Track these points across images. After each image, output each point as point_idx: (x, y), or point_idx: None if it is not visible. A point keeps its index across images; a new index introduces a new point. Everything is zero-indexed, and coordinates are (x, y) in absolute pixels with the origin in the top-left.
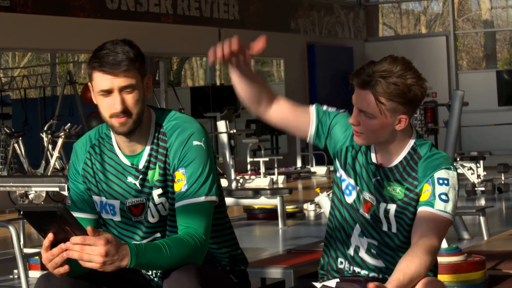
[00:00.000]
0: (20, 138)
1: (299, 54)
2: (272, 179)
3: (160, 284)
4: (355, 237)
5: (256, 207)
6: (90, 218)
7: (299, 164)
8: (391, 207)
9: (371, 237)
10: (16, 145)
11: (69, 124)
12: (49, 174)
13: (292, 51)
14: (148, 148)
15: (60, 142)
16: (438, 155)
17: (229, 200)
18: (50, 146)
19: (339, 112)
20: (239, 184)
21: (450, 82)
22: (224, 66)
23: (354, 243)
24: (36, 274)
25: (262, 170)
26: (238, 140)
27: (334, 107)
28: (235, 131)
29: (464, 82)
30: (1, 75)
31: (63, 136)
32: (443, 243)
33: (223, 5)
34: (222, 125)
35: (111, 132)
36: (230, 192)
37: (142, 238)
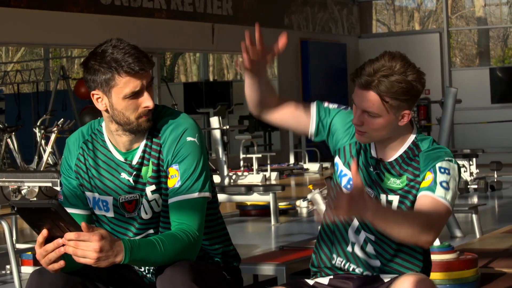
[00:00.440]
0: (13, 133)
1: (293, 50)
2: (265, 175)
3: (153, 281)
4: (351, 234)
5: (248, 203)
6: (83, 214)
7: (292, 160)
8: (394, 198)
9: (369, 231)
10: (9, 140)
11: (62, 119)
12: (42, 169)
13: (286, 47)
14: (142, 144)
15: (53, 137)
16: (440, 148)
17: (221, 197)
18: (43, 141)
19: (341, 109)
20: (232, 181)
21: (443, 79)
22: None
23: (350, 239)
24: (28, 269)
25: (255, 166)
26: (231, 136)
27: (336, 103)
28: (228, 127)
29: (457, 79)
30: None
31: (56, 132)
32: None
33: (217, 0)
34: (215, 121)
35: (103, 128)
36: (222, 188)
37: (135, 235)
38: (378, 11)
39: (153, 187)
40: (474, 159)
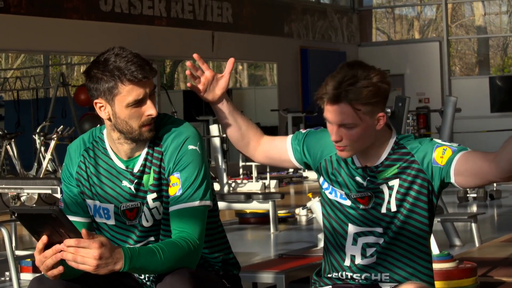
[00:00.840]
0: (13, 140)
1: (292, 58)
2: (264, 183)
3: None
4: (349, 247)
5: (248, 211)
6: (83, 221)
7: (291, 169)
8: (394, 182)
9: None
10: (8, 146)
11: (61, 126)
12: (41, 176)
13: (285, 55)
14: (144, 152)
15: (52, 144)
16: (419, 137)
17: (221, 204)
18: (43, 148)
19: (310, 130)
20: (231, 188)
21: (443, 88)
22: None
23: (349, 252)
24: (27, 276)
25: (254, 174)
26: (230, 144)
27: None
28: None
29: (457, 88)
30: None
31: (55, 138)
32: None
33: (217, 8)
34: (214, 128)
35: (104, 136)
36: (222, 196)
37: (135, 242)
38: (378, 20)
39: (154, 195)
40: None
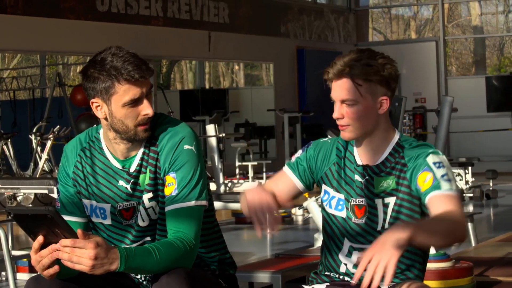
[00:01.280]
0: (9, 140)
1: (289, 58)
2: (261, 183)
3: None
4: (343, 257)
5: None
6: (80, 221)
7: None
8: (390, 200)
9: (363, 244)
10: (4, 146)
11: (58, 126)
12: (37, 176)
13: (282, 55)
14: (140, 152)
15: (49, 144)
16: (422, 143)
17: (217, 204)
18: (39, 148)
19: (305, 148)
20: (228, 188)
21: (439, 88)
22: None
23: (344, 261)
24: (24, 276)
25: (251, 174)
26: (226, 144)
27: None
28: (224, 134)
29: (453, 88)
30: None
31: (52, 138)
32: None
33: (213, 8)
34: (211, 128)
35: (101, 135)
36: (218, 196)
37: (132, 242)
38: (374, 20)
39: (150, 195)
40: (470, 168)
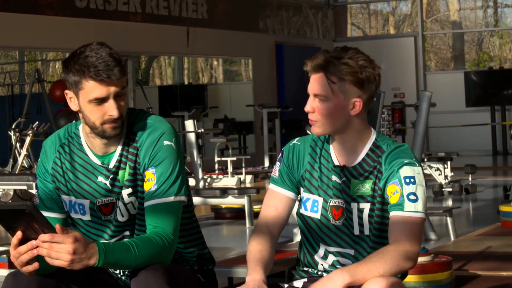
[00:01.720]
0: None
1: (268, 53)
2: (240, 178)
3: (128, 283)
4: (319, 259)
5: (223, 206)
6: (59, 217)
7: (266, 163)
8: (365, 206)
9: (339, 247)
10: None
11: (37, 122)
12: (17, 172)
13: (261, 50)
14: (119, 148)
15: (28, 140)
16: (400, 148)
17: (196, 200)
18: (18, 144)
19: (280, 158)
20: (207, 184)
21: (418, 83)
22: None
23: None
24: (3, 272)
25: (230, 169)
26: (205, 139)
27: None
28: (202, 130)
29: (432, 83)
30: None
31: (31, 134)
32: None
33: (192, 4)
34: (190, 124)
35: (80, 131)
36: (197, 191)
37: (110, 237)
38: (353, 15)
39: (129, 190)
40: (449, 162)
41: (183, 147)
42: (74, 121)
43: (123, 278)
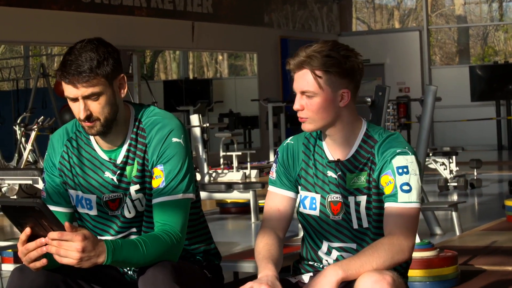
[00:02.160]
0: None
1: (272, 48)
2: (245, 173)
3: (134, 278)
4: (323, 255)
5: (229, 201)
6: (65, 211)
7: (271, 158)
8: (361, 198)
9: (341, 242)
10: None
11: (42, 117)
12: (22, 167)
13: (265, 45)
14: (127, 144)
15: (33, 135)
16: (392, 137)
17: (202, 194)
18: (23, 139)
19: (276, 159)
20: (212, 178)
21: (423, 77)
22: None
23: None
24: (9, 267)
25: (235, 164)
26: (211, 134)
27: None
28: (208, 125)
29: (437, 78)
30: None
31: (36, 129)
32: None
33: None
34: (195, 118)
35: None
36: (203, 186)
37: (117, 233)
38: (358, 9)
39: (137, 187)
40: (454, 157)
41: None
42: None
43: (129, 272)
